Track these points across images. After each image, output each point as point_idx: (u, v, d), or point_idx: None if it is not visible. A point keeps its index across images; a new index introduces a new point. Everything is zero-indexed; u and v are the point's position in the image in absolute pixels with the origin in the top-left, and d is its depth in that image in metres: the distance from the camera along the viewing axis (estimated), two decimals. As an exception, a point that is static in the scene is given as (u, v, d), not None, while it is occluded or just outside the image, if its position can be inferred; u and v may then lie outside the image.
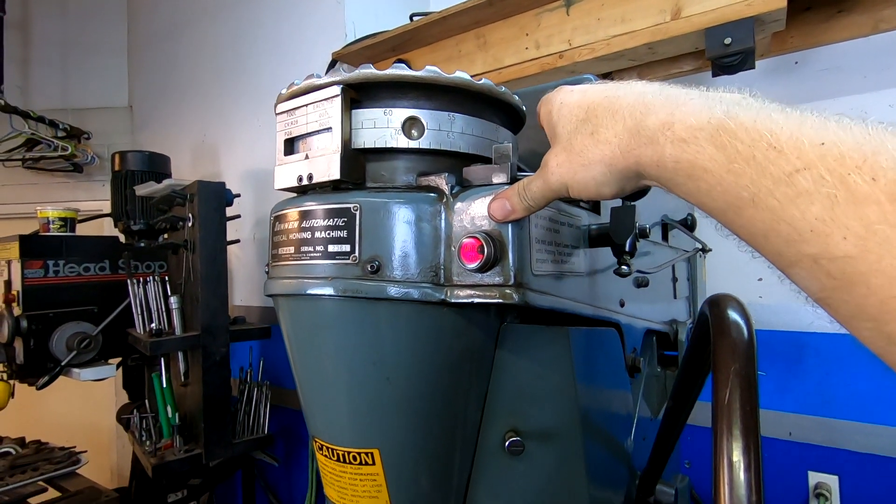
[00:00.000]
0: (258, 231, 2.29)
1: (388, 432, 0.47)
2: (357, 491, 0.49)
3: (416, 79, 0.44)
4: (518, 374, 0.50)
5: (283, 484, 2.24)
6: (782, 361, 1.47)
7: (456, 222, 0.44)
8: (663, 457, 0.70)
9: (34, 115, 2.59)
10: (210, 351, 1.49)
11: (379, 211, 0.44)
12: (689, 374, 0.46)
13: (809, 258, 0.23)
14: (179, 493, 1.90)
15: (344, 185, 0.46)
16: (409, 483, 0.48)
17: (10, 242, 1.69)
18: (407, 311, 0.44)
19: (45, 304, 1.69)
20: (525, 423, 0.50)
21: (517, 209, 0.40)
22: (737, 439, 0.28)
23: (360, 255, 0.43)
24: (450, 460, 0.50)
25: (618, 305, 0.64)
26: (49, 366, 1.66)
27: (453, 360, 0.47)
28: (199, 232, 1.47)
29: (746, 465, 0.27)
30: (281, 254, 0.48)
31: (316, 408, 0.50)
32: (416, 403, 0.47)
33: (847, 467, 1.39)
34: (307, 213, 0.46)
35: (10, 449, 1.81)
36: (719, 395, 0.30)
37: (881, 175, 0.21)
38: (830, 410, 1.41)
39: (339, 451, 0.48)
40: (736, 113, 0.27)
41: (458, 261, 0.43)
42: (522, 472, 0.51)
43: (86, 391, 3.05)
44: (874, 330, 0.22)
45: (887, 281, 0.20)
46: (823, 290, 0.23)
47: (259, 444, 1.69)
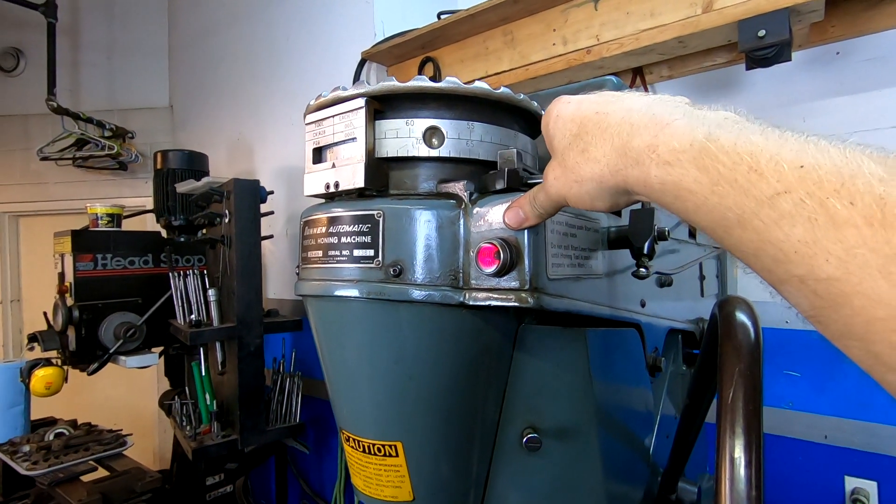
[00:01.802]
0: (290, 227, 2.35)
1: (411, 427, 0.49)
2: (382, 480, 0.51)
3: (437, 90, 0.46)
4: (535, 373, 0.52)
5: (314, 471, 2.31)
6: (820, 363, 1.43)
7: (474, 228, 0.46)
8: (683, 455, 0.70)
9: (84, 117, 2.73)
10: (245, 342, 1.56)
11: (401, 217, 0.46)
12: (703, 373, 0.47)
13: (797, 279, 0.24)
14: (217, 476, 1.99)
15: (368, 192, 0.49)
16: (431, 474, 0.51)
17: (64, 237, 1.80)
18: (427, 312, 0.46)
19: (95, 295, 1.79)
20: (542, 420, 0.52)
21: (530, 217, 0.42)
22: (739, 437, 0.29)
23: (384, 260, 0.46)
24: (469, 454, 0.52)
25: (638, 306, 0.64)
26: (98, 353, 1.76)
27: (472, 359, 0.49)
28: (235, 227, 1.53)
29: (747, 461, 0.28)
30: (310, 257, 0.51)
31: (343, 402, 0.53)
32: (436, 400, 0.49)
33: (887, 473, 1.34)
34: (334, 219, 0.49)
35: (64, 430, 1.93)
36: (724, 394, 0.31)
37: (858, 199, 0.21)
38: (870, 414, 1.36)
39: (364, 442, 0.51)
40: (717, 136, 0.27)
41: (476, 265, 0.44)
42: (540, 467, 0.52)
43: (130, 378, 3.21)
44: (862, 349, 0.22)
45: (869, 303, 0.21)
46: (813, 308, 0.24)
47: (291, 432, 1.75)
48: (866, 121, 1.32)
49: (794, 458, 1.47)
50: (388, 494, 0.52)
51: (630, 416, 0.61)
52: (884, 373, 0.22)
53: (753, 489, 0.27)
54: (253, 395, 1.58)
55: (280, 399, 1.77)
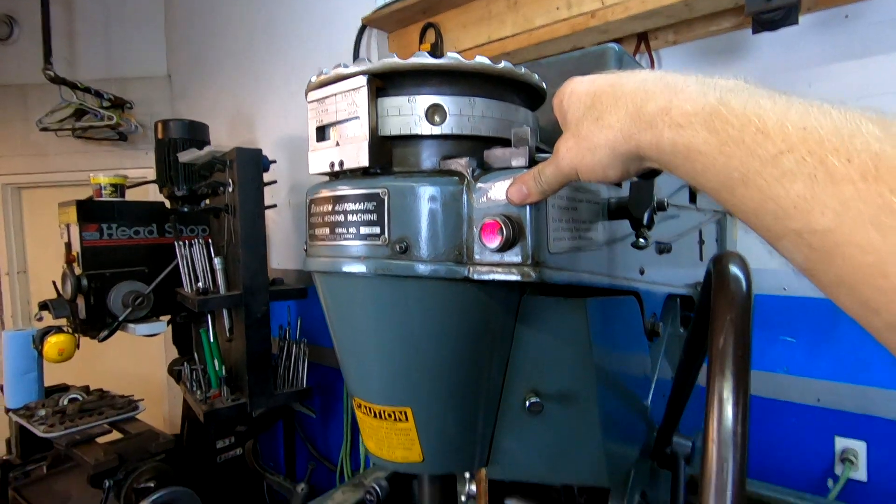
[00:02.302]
0: (293, 196, 2.36)
1: (419, 394, 0.52)
2: (393, 443, 0.54)
3: (438, 66, 0.46)
4: (537, 343, 0.54)
5: (320, 435, 2.39)
6: (815, 328, 1.46)
7: (477, 204, 0.47)
8: (678, 410, 0.74)
9: (81, 86, 2.70)
10: (252, 309, 1.59)
11: (405, 195, 0.47)
12: (698, 328, 0.49)
13: (794, 232, 0.26)
14: (227, 440, 2.06)
15: (372, 170, 0.50)
16: (439, 437, 0.54)
17: (69, 207, 1.81)
18: (433, 287, 0.48)
19: (102, 264, 1.82)
20: (544, 386, 0.54)
21: (533, 193, 0.43)
22: (727, 379, 0.31)
23: (390, 237, 0.47)
24: (475, 418, 0.55)
25: (637, 274, 0.66)
26: (108, 321, 1.80)
27: (476, 330, 0.51)
28: (238, 196, 1.54)
29: (735, 401, 0.30)
30: (317, 234, 0.53)
31: (354, 371, 0.55)
32: (443, 369, 0.51)
33: (876, 434, 1.38)
34: (340, 197, 0.50)
35: (77, 395, 1.99)
36: (715, 341, 0.32)
37: (855, 156, 0.23)
38: (863, 378, 1.39)
39: (375, 409, 0.54)
40: (728, 99, 0.29)
41: (480, 241, 0.46)
42: (542, 429, 0.55)
43: (138, 348, 3.28)
44: (850, 296, 0.24)
45: (859, 251, 0.23)
46: (807, 261, 0.26)
47: (298, 396, 1.81)
48: (874, 85, 1.31)
49: (787, 420, 1.52)
50: (400, 456, 0.55)
51: (629, 380, 0.64)
52: (870, 318, 0.24)
53: (739, 425, 0.29)
54: (261, 359, 1.62)
55: (287, 365, 1.82)
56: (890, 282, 0.22)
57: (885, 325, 0.23)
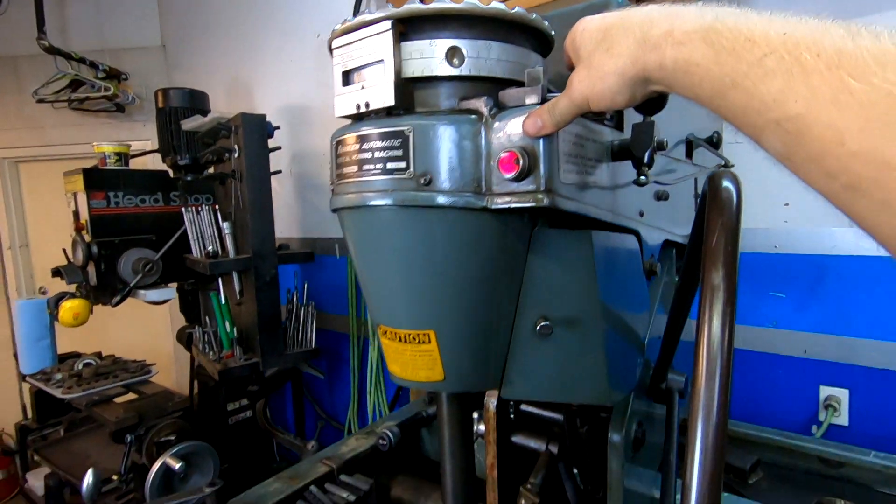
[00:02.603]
0: (295, 166, 2.38)
1: (441, 317, 0.57)
2: (417, 365, 0.60)
3: (458, 11, 0.50)
4: (547, 271, 0.59)
5: (327, 397, 2.47)
6: (803, 284, 1.52)
7: (494, 140, 0.51)
8: (672, 346, 0.80)
9: (76, 56, 2.67)
10: (261, 271, 1.64)
11: (429, 132, 0.51)
12: (694, 247, 0.53)
13: (774, 122, 0.30)
14: (237, 402, 2.13)
15: (396, 110, 0.54)
16: (459, 357, 0.59)
17: (75, 175, 1.83)
18: (454, 217, 0.53)
19: (110, 232, 1.85)
20: (553, 311, 0.60)
21: (547, 125, 0.48)
22: (718, 269, 0.36)
23: (415, 171, 0.51)
24: (491, 340, 0.60)
25: (637, 215, 0.71)
26: (119, 287, 1.85)
27: (493, 258, 0.56)
28: (245, 162, 1.57)
29: (726, 286, 0.35)
30: (345, 172, 0.57)
31: (380, 300, 0.61)
32: (463, 294, 0.56)
33: (858, 381, 1.46)
34: (367, 136, 0.54)
35: (91, 360, 2.05)
36: (708, 241, 0.37)
37: (823, 52, 0.28)
38: (848, 329, 1.47)
39: (400, 333, 0.59)
40: (723, 17, 0.34)
41: (497, 172, 0.50)
42: (550, 351, 0.61)
43: (144, 319, 3.33)
44: (817, 169, 0.29)
45: (823, 127, 0.28)
46: (784, 146, 0.30)
47: (308, 356, 1.87)
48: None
49: (774, 371, 1.60)
50: (423, 376, 0.60)
51: (629, 310, 0.69)
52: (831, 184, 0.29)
53: (728, 305, 0.34)
54: (271, 320, 1.68)
55: (296, 327, 1.88)
56: (846, 148, 0.27)
57: (841, 186, 0.28)
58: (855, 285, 1.45)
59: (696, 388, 0.35)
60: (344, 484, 1.12)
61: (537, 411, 1.01)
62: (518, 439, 1.03)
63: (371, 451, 1.29)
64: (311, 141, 2.31)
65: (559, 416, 0.97)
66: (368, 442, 1.31)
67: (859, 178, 0.26)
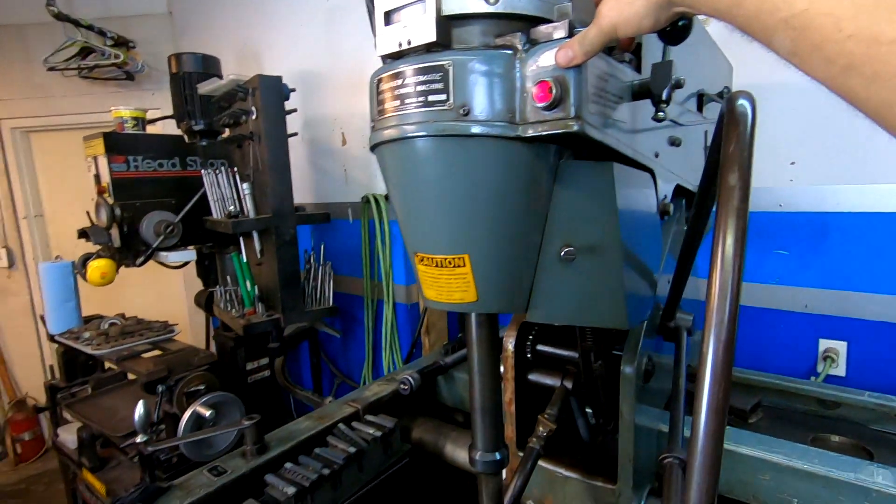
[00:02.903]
0: (307, 131, 2.41)
1: (476, 241, 0.62)
2: (451, 288, 0.66)
3: (494, -48, 0.54)
4: (571, 200, 0.64)
5: (342, 357, 2.55)
6: (806, 241, 1.57)
7: (528, 72, 0.56)
8: (681, 286, 0.85)
9: (85, 24, 2.68)
10: (281, 231, 1.70)
11: (467, 65, 0.56)
12: (710, 165, 0.58)
13: (783, 21, 0.35)
14: (256, 362, 2.21)
15: (436, 47, 0.58)
16: (490, 279, 0.64)
17: (95, 140, 1.88)
18: (490, 146, 0.58)
19: (132, 195, 1.91)
20: (576, 239, 0.65)
21: (578, 55, 0.52)
22: (734, 172, 0.41)
23: (454, 102, 0.56)
24: (520, 264, 0.65)
25: (653, 156, 0.76)
26: (142, 248, 1.91)
27: (524, 186, 0.61)
28: (263, 123, 1.61)
29: (741, 186, 0.40)
30: (386, 108, 0.62)
31: (418, 228, 0.66)
32: (496, 219, 0.62)
33: (857, 334, 1.53)
34: (409, 72, 0.58)
35: (115, 321, 2.13)
36: (725, 148, 0.42)
37: None
38: (848, 284, 1.52)
39: (437, 258, 0.65)
40: None
41: (531, 101, 0.55)
42: (573, 276, 0.66)
43: (158, 286, 3.41)
44: (819, 57, 0.34)
45: (824, 16, 0.33)
46: (792, 41, 0.35)
47: (327, 313, 1.94)
48: None
49: (776, 325, 1.66)
50: (457, 298, 0.66)
51: (644, 244, 0.74)
52: (829, 69, 0.34)
53: (741, 220, 0.39)
54: (291, 278, 1.74)
55: (314, 286, 1.94)
56: (843, 34, 0.32)
57: (839, 69, 0.33)
58: (856, 241, 1.50)
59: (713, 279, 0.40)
60: (369, 422, 1.20)
61: (552, 350, 1.08)
62: (534, 377, 1.10)
63: (392, 395, 1.36)
64: (323, 107, 2.33)
65: (574, 353, 1.03)
66: (390, 387, 1.38)
67: (853, 58, 0.31)
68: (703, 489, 0.38)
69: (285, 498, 0.94)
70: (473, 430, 0.79)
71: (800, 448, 0.93)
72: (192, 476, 1.00)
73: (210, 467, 1.02)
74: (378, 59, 0.64)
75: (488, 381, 0.75)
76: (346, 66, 2.20)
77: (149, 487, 0.90)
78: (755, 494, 0.95)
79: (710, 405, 0.36)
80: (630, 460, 0.89)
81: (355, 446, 1.09)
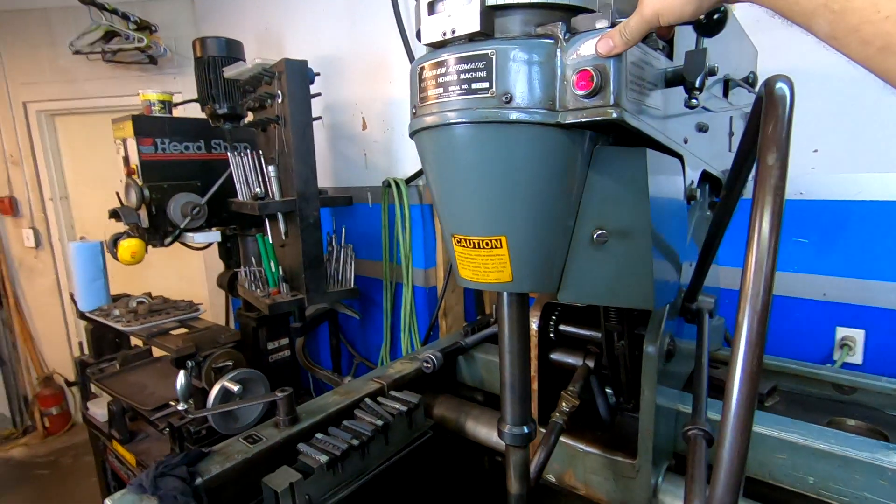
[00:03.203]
0: (328, 116, 2.43)
1: (512, 223, 0.65)
2: (488, 268, 0.69)
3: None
4: (604, 186, 0.66)
5: (360, 339, 2.61)
6: (826, 229, 1.58)
7: (569, 60, 0.58)
8: (704, 270, 0.88)
9: (109, 8, 2.71)
10: (305, 213, 1.73)
11: (510, 54, 0.58)
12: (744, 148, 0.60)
13: (822, 5, 0.37)
14: (276, 342, 2.27)
15: (479, 36, 0.60)
16: (526, 260, 0.67)
17: (124, 122, 1.92)
18: (530, 132, 0.60)
19: (159, 177, 1.95)
20: (608, 223, 0.68)
21: (618, 44, 0.54)
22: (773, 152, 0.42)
23: (497, 90, 0.59)
24: (554, 247, 0.68)
25: (682, 141, 0.78)
26: (169, 229, 1.96)
27: (561, 171, 0.64)
28: (289, 107, 1.64)
29: (779, 166, 0.42)
30: (429, 95, 0.64)
31: (457, 211, 0.69)
32: (533, 203, 0.64)
33: (875, 322, 1.53)
34: (454, 60, 0.61)
35: (143, 299, 2.19)
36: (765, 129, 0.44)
37: None
38: (867, 273, 1.52)
39: (474, 240, 0.68)
40: None
41: (572, 89, 0.57)
42: (604, 258, 0.69)
43: (179, 269, 3.48)
44: (856, 38, 0.36)
45: (863, 1, 0.35)
46: (830, 24, 0.37)
47: (349, 294, 1.99)
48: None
49: (794, 313, 1.67)
50: (493, 278, 0.69)
51: (671, 228, 0.77)
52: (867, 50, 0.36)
53: (781, 181, 0.42)
54: (315, 260, 1.78)
55: (336, 268, 1.99)
56: (880, 15, 0.34)
57: (876, 49, 0.35)
58: (877, 229, 1.50)
59: (749, 253, 0.43)
60: (394, 398, 1.24)
61: (575, 330, 1.11)
62: (557, 356, 1.14)
63: (415, 373, 1.41)
64: (344, 92, 2.36)
65: (596, 333, 1.07)
66: (413, 366, 1.43)
67: (890, 38, 0.34)
68: (735, 450, 0.41)
69: (318, 465, 0.99)
70: (503, 405, 0.82)
71: (816, 429, 0.96)
72: (230, 444, 1.05)
73: (245, 435, 1.07)
74: (397, 45, 0.66)
75: (518, 359, 0.79)
76: (368, 51, 2.22)
77: (192, 452, 0.95)
78: (771, 473, 0.98)
79: (744, 370, 0.39)
80: (650, 436, 0.93)
81: (382, 420, 1.14)
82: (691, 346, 1.10)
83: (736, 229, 0.79)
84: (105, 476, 2.29)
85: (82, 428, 3.63)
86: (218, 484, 0.96)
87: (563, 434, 1.04)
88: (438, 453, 1.35)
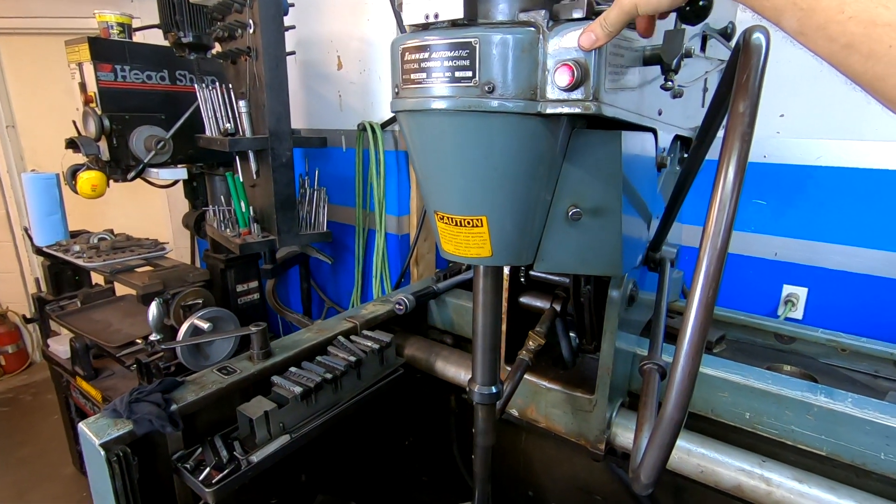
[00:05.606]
0: (301, 52, 2.32)
1: (493, 204, 0.68)
2: (469, 244, 0.72)
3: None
4: (581, 166, 0.69)
5: (331, 285, 2.61)
6: (785, 191, 1.65)
7: (551, 51, 0.58)
8: (669, 221, 0.92)
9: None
10: (277, 152, 1.69)
11: (493, 44, 0.58)
12: (717, 100, 0.62)
13: (791, 3, 0.40)
14: (244, 284, 2.25)
15: (461, 21, 0.59)
16: (504, 237, 0.70)
17: (79, 45, 1.79)
18: (511, 121, 0.61)
19: (120, 106, 1.85)
20: (583, 201, 0.70)
21: (601, 37, 0.54)
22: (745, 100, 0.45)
23: (479, 79, 0.59)
24: (531, 224, 0.71)
25: (656, 114, 0.80)
26: (131, 163, 1.88)
27: (539, 155, 0.65)
28: (261, 38, 1.56)
29: (749, 114, 0.45)
30: (413, 78, 0.63)
31: (440, 191, 0.70)
32: (512, 185, 0.66)
33: (817, 281, 1.65)
34: (436, 45, 0.60)
35: (105, 235, 2.13)
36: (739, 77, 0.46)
37: None
38: (817, 235, 1.62)
39: (456, 218, 0.70)
40: None
41: (553, 82, 0.58)
42: (577, 234, 0.73)
43: (141, 209, 3.36)
44: (824, 37, 0.38)
45: (830, 1, 0.37)
46: (799, 21, 0.40)
47: (320, 238, 1.98)
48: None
49: (746, 271, 1.77)
50: (473, 253, 0.72)
51: (641, 202, 0.80)
52: (832, 47, 0.38)
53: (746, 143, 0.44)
54: (287, 200, 1.76)
55: (308, 210, 1.96)
56: (845, 15, 0.37)
57: (840, 46, 0.38)
58: (831, 194, 1.58)
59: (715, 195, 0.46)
60: (367, 336, 1.28)
61: (544, 275, 1.16)
62: (526, 299, 1.18)
63: (387, 315, 1.44)
64: (319, 27, 2.25)
65: (564, 279, 1.11)
66: (385, 308, 1.46)
67: (853, 37, 0.36)
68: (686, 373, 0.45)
69: (292, 396, 1.02)
70: (474, 366, 0.87)
71: (756, 370, 1.05)
72: (203, 374, 1.07)
73: (219, 367, 1.09)
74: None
75: (490, 323, 0.82)
76: (345, -16, 2.11)
77: (166, 380, 0.97)
78: (713, 409, 1.08)
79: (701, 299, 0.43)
80: (609, 373, 1.00)
81: (354, 356, 1.18)
82: (651, 297, 1.16)
83: (699, 191, 0.83)
84: (69, 411, 2.29)
85: (41, 366, 3.57)
86: (193, 411, 0.99)
87: (528, 372, 1.10)
88: (408, 390, 1.41)
